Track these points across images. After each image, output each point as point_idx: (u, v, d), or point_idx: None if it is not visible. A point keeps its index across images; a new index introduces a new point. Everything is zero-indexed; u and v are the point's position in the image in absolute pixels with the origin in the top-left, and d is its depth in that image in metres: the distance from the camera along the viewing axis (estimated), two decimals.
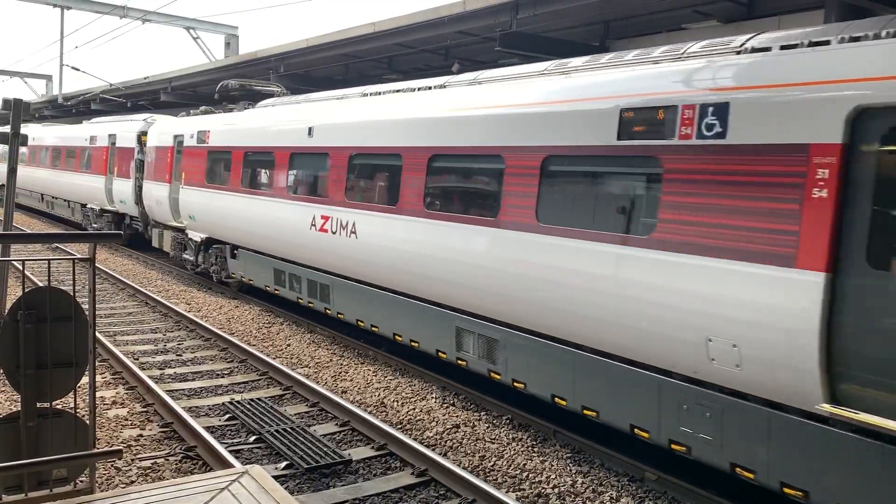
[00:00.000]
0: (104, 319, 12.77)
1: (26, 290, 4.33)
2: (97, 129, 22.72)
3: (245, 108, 15.15)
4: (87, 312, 4.39)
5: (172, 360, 10.48)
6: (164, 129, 17.38)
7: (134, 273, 17.77)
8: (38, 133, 29.76)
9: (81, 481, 4.52)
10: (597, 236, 6.52)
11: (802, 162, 5.05)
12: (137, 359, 10.39)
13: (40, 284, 11.02)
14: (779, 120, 5.22)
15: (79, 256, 4.63)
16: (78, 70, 30.19)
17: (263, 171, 12.98)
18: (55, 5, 29.43)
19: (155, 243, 18.06)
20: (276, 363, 9.94)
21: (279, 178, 12.35)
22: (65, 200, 25.96)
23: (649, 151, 6.13)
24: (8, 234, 6.48)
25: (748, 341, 5.32)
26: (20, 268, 14.23)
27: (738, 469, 5.64)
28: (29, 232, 21.70)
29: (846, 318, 4.80)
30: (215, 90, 25.63)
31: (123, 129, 20.67)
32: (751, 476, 5.56)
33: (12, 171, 9.60)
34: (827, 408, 4.94)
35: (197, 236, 15.57)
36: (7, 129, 9.40)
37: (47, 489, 4.31)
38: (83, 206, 23.67)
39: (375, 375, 9.87)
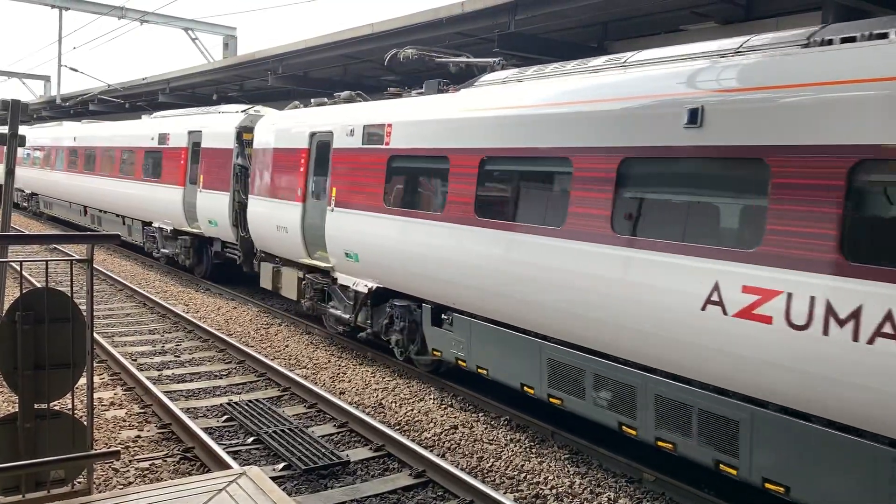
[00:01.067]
0: (102, 320, 12.76)
1: (24, 291, 4.33)
2: (169, 125, 17.77)
3: (442, 90, 10.02)
4: (84, 313, 4.39)
5: (170, 361, 10.47)
6: (285, 123, 12.70)
7: (132, 274, 17.76)
8: (81, 132, 24.66)
9: (79, 482, 4.52)
10: None
11: None
12: (135, 360, 10.39)
13: (38, 285, 11.00)
14: None
15: (77, 257, 4.63)
16: (76, 71, 30.16)
17: (533, 190, 7.73)
18: (53, 6, 29.41)
19: (265, 283, 13.17)
20: (274, 364, 9.94)
21: (593, 204, 6.79)
22: (118, 216, 20.74)
23: None
24: (6, 234, 6.48)
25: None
26: (18, 269, 14.22)
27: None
28: (27, 233, 21.60)
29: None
30: (213, 91, 25.63)
31: (213, 124, 15.71)
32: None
33: (10, 173, 9.59)
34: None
35: (359, 284, 10.38)
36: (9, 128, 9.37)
37: (45, 490, 4.31)
38: (146, 224, 18.71)
39: (374, 376, 9.86)
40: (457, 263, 8.33)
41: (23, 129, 29.47)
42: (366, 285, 10.20)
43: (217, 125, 15.43)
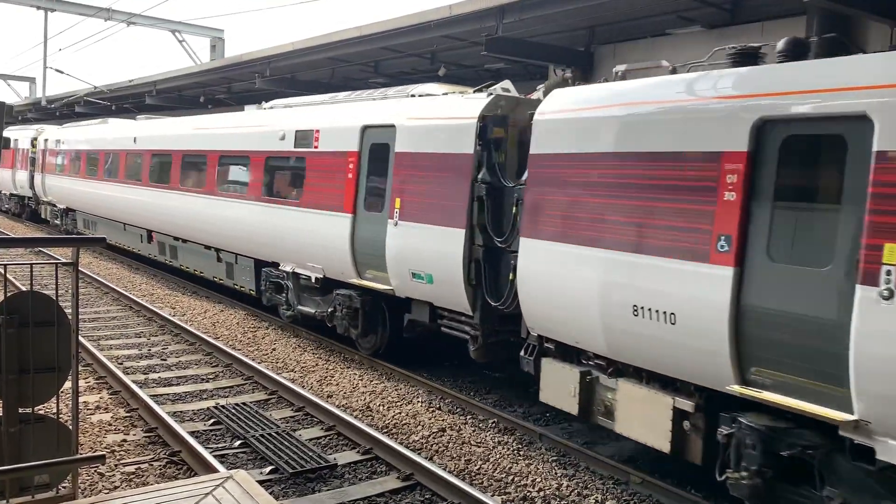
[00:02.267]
0: (88, 324, 12.67)
1: (8, 295, 4.30)
2: (315, 118, 11.76)
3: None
4: (70, 317, 4.37)
5: (157, 365, 10.41)
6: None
7: (118, 277, 17.65)
8: (144, 130, 18.38)
9: (64, 487, 4.50)
10: None
11: None
12: (121, 363, 10.32)
13: (23, 289, 10.89)
14: None
15: (62, 261, 4.60)
16: (62, 73, 29.98)
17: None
18: (39, 7, 29.22)
19: (563, 403, 7.37)
20: (261, 367, 9.91)
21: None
22: (208, 248, 14.78)
23: None
24: None
25: None
26: (2, 272, 14.09)
27: None
28: (11, 236, 21.22)
29: None
30: (200, 93, 25.52)
31: (424, 111, 9.58)
32: None
33: None
34: None
35: None
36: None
37: (30, 495, 4.28)
38: (263, 264, 12.90)
39: (361, 380, 9.85)
40: None
41: (50, 128, 27.84)
42: None
43: (434, 114, 9.31)
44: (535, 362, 7.66)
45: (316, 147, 11.35)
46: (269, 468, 6.89)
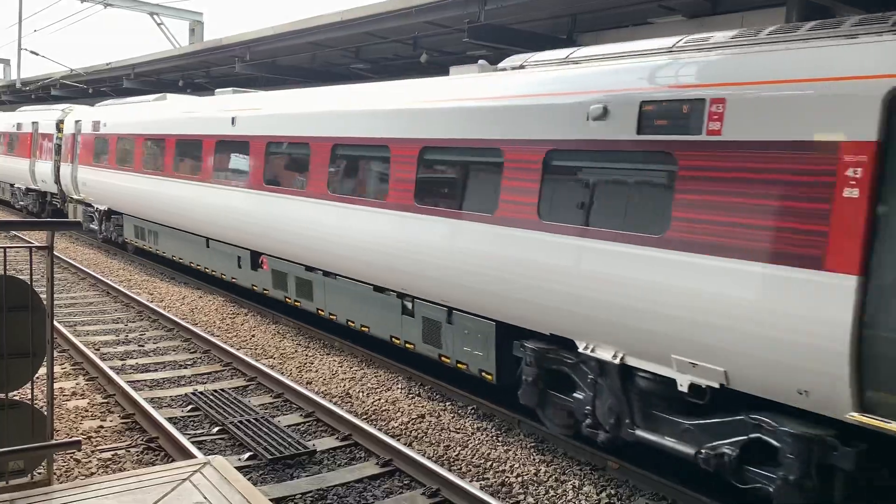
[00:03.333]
0: (64, 309, 12.53)
1: None
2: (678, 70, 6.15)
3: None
4: (45, 302, 4.32)
5: (134, 351, 10.33)
6: None
7: (95, 262, 17.46)
8: (252, 109, 12.30)
9: (39, 473, 4.46)
10: None
11: None
12: (98, 349, 10.23)
13: None
14: None
15: (36, 244, 4.55)
16: (37, 54, 29.47)
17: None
18: None
19: None
20: (240, 354, 9.86)
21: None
22: (444, 309, 8.40)
23: None
24: None
25: None
26: None
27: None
28: None
29: None
30: (179, 77, 25.22)
31: None
32: None
33: None
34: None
35: None
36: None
37: (4, 481, 4.24)
38: (620, 369, 6.42)
39: (341, 366, 9.84)
40: None
41: (81, 108, 21.26)
42: None
43: None
44: None
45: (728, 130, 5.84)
46: (248, 454, 6.88)
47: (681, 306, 5.75)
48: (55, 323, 5.55)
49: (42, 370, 4.42)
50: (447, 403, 8.58)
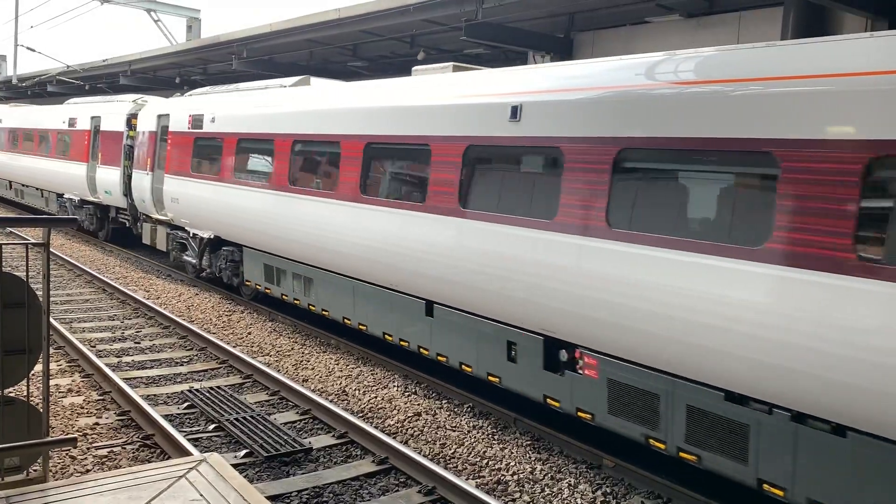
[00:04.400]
0: (60, 306, 12.52)
1: None
2: None
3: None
4: (41, 298, 4.31)
5: (130, 348, 10.32)
6: None
7: (91, 259, 17.43)
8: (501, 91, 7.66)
9: (35, 470, 4.45)
10: None
11: None
12: (94, 346, 10.22)
13: None
14: None
15: (32, 241, 4.54)
16: (33, 51, 29.42)
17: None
18: None
19: None
20: (236, 351, 9.86)
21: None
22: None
23: None
24: None
25: None
26: None
27: None
28: None
29: None
30: (176, 74, 25.18)
31: None
32: None
33: None
34: None
35: None
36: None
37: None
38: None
39: (337, 364, 9.85)
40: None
41: (159, 100, 16.20)
42: None
43: None
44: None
45: None
46: (244, 452, 6.88)
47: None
48: (51, 320, 5.55)
49: (38, 367, 4.41)
50: (443, 401, 8.59)
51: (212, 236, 13.39)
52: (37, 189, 23.54)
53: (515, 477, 6.67)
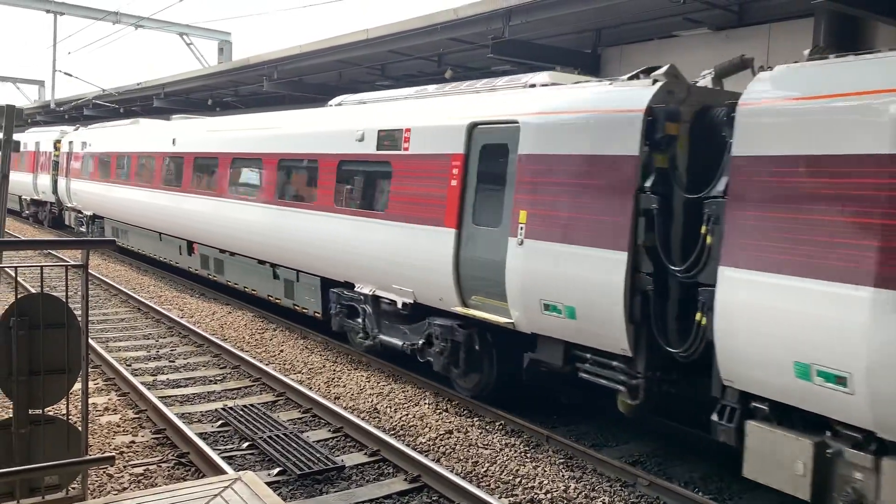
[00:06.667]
0: (97, 325, 12.73)
1: (19, 297, 4.33)
2: (414, 115, 9.72)
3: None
4: (79, 318, 4.40)
5: (165, 367, 10.46)
6: None
7: (126, 279, 17.73)
8: (202, 132, 15.74)
9: (73, 488, 4.52)
10: None
11: None
12: (130, 365, 10.37)
13: (33, 291, 10.91)
14: None
15: (72, 263, 4.64)
16: (71, 76, 30.16)
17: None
18: (48, 11, 29.43)
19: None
20: (268, 369, 9.93)
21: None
22: (294, 271, 12.17)
23: None
24: (1, 240, 6.47)
25: None
26: (13, 274, 14.18)
27: None
28: (21, 238, 21.36)
29: None
30: (208, 97, 25.64)
31: (576, 103, 7.62)
32: None
33: (4, 178, 9.60)
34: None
35: None
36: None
37: (39, 496, 4.31)
38: (373, 299, 10.18)
39: (368, 381, 9.87)
40: None
41: (74, 131, 25.33)
42: None
43: (574, 107, 7.53)
44: (736, 430, 5.90)
45: (406, 149, 9.47)
46: (277, 470, 6.91)
47: (391, 259, 9.57)
48: (89, 339, 5.65)
49: (77, 386, 4.49)
50: (475, 419, 8.56)
51: (92, 214, 22.31)
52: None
53: (549, 496, 6.61)
